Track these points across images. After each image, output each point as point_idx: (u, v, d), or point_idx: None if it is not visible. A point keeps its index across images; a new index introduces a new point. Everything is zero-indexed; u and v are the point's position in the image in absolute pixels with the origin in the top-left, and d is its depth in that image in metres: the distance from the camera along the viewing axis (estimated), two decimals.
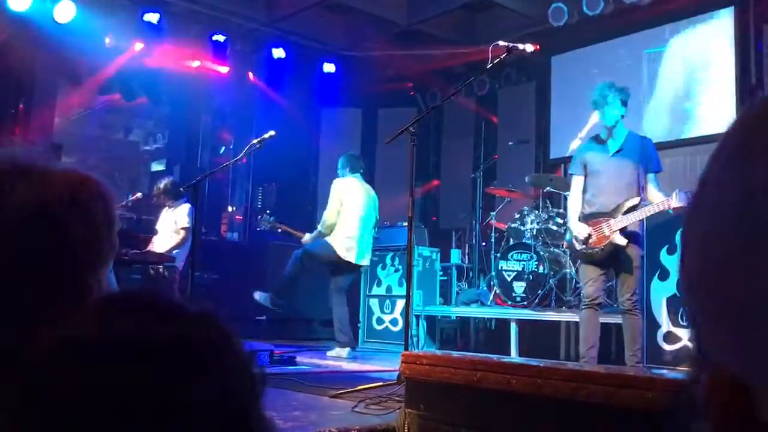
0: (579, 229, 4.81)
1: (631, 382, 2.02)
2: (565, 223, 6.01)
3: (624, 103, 4.64)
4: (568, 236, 5.21)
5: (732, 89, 7.00)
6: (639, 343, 4.83)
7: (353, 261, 6.61)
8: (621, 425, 2.03)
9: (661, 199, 4.59)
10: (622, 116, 4.69)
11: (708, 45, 7.23)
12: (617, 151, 4.70)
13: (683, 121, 7.38)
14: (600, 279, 4.81)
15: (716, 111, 7.11)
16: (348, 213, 6.58)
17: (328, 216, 6.61)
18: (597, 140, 4.85)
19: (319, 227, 6.72)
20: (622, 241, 4.65)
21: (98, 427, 0.56)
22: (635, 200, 4.66)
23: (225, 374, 0.63)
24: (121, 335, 0.60)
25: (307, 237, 6.87)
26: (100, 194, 1.01)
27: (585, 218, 4.82)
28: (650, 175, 4.71)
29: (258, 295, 6.77)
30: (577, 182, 4.91)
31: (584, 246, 4.79)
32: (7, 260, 0.91)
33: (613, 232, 4.67)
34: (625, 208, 4.67)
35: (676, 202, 4.39)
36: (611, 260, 4.79)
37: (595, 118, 5.48)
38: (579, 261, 5.29)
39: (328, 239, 6.62)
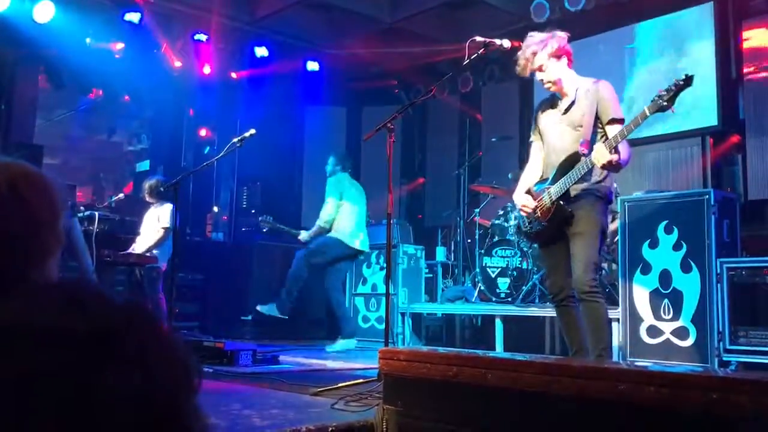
0: (517, 199, 4.11)
1: (604, 374, 2.02)
2: None
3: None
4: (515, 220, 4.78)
5: (713, 84, 7.04)
6: (606, 341, 3.80)
7: (363, 249, 6.85)
8: (595, 417, 2.03)
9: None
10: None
11: (688, 40, 7.26)
12: (568, 108, 3.93)
13: (664, 116, 7.39)
14: (561, 267, 3.90)
15: (697, 106, 7.14)
16: (349, 205, 6.69)
17: (328, 210, 6.66)
18: (550, 99, 4.10)
19: (319, 223, 6.75)
20: (564, 212, 3.82)
21: (12, 414, 0.56)
22: (576, 156, 3.80)
23: (148, 365, 0.62)
24: (39, 324, 0.60)
25: (304, 235, 6.88)
26: (44, 187, 0.99)
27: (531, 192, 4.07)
28: (607, 127, 3.81)
29: (262, 308, 6.76)
30: (532, 149, 4.24)
31: (529, 225, 4.04)
32: None
33: (554, 201, 3.85)
34: (565, 169, 3.84)
35: (600, 157, 3.57)
36: (566, 239, 3.87)
37: None
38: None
39: (334, 234, 6.67)
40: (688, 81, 3.43)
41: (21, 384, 0.57)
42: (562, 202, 3.83)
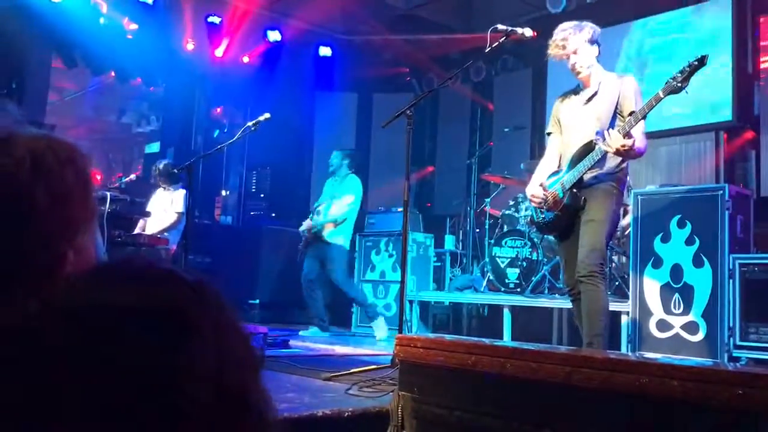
0: (529, 190, 4.08)
1: (627, 366, 2.02)
2: None
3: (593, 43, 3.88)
4: (529, 211, 4.76)
5: (729, 79, 7.00)
6: (599, 327, 3.71)
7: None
8: (616, 409, 2.03)
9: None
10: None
11: (706, 34, 7.22)
12: (590, 99, 3.90)
13: (678, 110, 7.37)
14: (576, 260, 3.80)
15: (713, 100, 7.11)
16: (355, 213, 6.71)
17: (350, 211, 6.67)
18: (571, 91, 4.08)
19: (336, 216, 6.69)
20: (577, 200, 3.80)
21: (93, 393, 0.55)
22: (590, 144, 3.78)
23: (220, 343, 0.61)
24: (114, 302, 0.59)
25: (306, 224, 6.84)
26: (69, 158, 0.96)
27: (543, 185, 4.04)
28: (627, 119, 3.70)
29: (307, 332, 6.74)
30: (549, 141, 4.21)
31: (542, 216, 4.01)
32: None
33: (566, 191, 3.84)
34: (579, 157, 3.83)
35: (614, 141, 3.54)
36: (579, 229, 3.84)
37: None
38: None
39: (339, 240, 6.65)
40: (703, 61, 3.43)
41: (105, 366, 0.56)
42: (575, 190, 3.83)
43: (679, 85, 3.45)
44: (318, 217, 6.81)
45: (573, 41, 3.85)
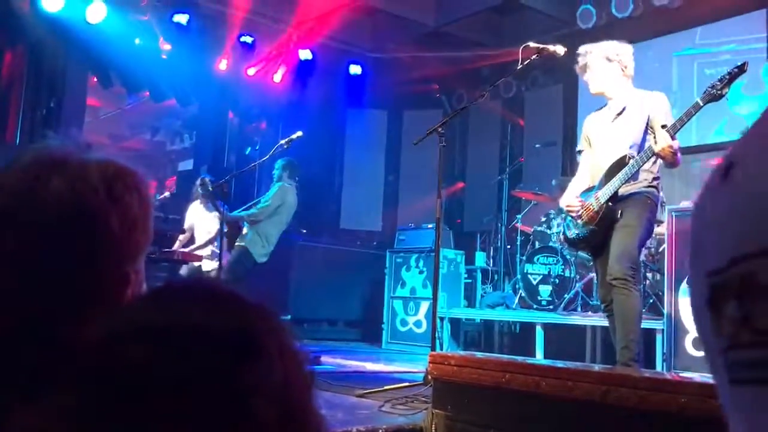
0: (563, 202, 4.08)
1: (664, 385, 2.00)
2: None
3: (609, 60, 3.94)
4: (561, 228, 4.69)
5: (764, 93, 6.91)
6: (634, 333, 3.66)
7: (262, 261, 6.80)
8: (654, 429, 2.01)
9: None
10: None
11: (739, 48, 7.14)
12: (618, 114, 3.93)
13: (713, 125, 7.29)
14: None
15: (747, 114, 7.02)
16: (282, 219, 6.68)
17: (264, 211, 6.64)
18: (601, 108, 4.13)
19: (246, 215, 6.73)
20: (614, 213, 3.80)
21: (168, 411, 0.56)
22: (623, 159, 3.78)
23: (284, 364, 0.62)
24: (188, 322, 0.60)
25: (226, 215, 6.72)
26: (136, 186, 1.00)
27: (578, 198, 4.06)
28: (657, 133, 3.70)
29: None
30: (581, 159, 4.22)
31: (575, 231, 4.00)
32: (45, 255, 0.91)
33: (601, 205, 3.84)
34: (612, 172, 3.83)
35: (662, 141, 3.55)
36: None
37: None
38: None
39: (246, 243, 6.60)
40: (743, 67, 3.45)
41: (176, 388, 0.56)
42: (610, 204, 3.83)
43: (719, 92, 3.45)
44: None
45: (588, 59, 3.95)
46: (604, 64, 3.92)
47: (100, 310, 0.71)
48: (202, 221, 7.13)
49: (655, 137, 3.73)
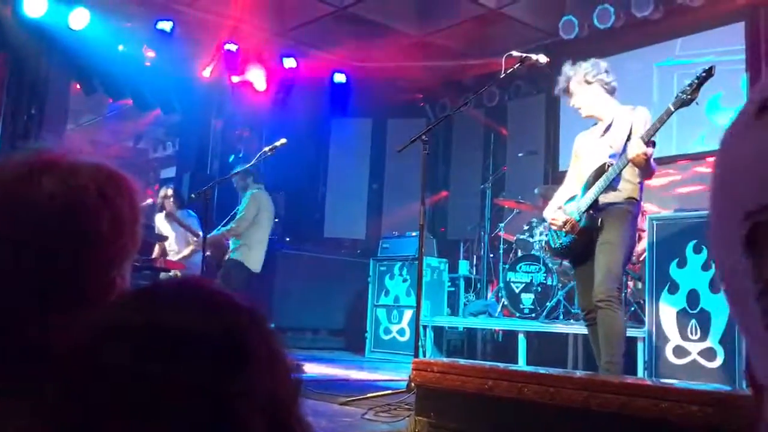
0: (547, 214, 4.15)
1: (645, 391, 2.02)
2: None
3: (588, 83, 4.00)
4: (543, 236, 4.76)
5: (743, 104, 7.00)
6: (616, 353, 3.71)
7: (257, 270, 6.70)
8: None
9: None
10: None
11: (718, 59, 7.24)
12: (605, 130, 4.01)
13: (693, 135, 7.38)
14: (592, 286, 3.82)
15: (726, 125, 7.11)
16: (264, 225, 6.64)
17: (241, 224, 6.54)
18: (590, 127, 4.21)
19: (225, 232, 6.64)
20: (594, 222, 3.82)
21: (152, 415, 0.55)
22: (603, 166, 3.83)
23: (273, 370, 0.61)
24: (175, 324, 0.58)
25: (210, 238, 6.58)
26: (127, 189, 1.01)
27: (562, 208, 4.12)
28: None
29: None
30: (568, 173, 4.33)
31: (559, 241, 4.04)
32: (34, 252, 0.90)
33: (582, 213, 3.88)
34: (592, 181, 3.88)
35: (634, 148, 3.59)
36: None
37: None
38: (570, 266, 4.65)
39: (238, 256, 6.55)
40: (711, 72, 3.52)
41: (161, 391, 0.55)
42: (591, 212, 3.88)
43: (689, 97, 3.53)
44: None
45: (570, 86, 4.04)
46: (585, 88, 4.01)
47: (83, 312, 0.70)
48: (170, 232, 7.08)
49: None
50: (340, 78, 9.55)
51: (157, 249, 7.06)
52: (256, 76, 9.34)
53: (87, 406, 0.56)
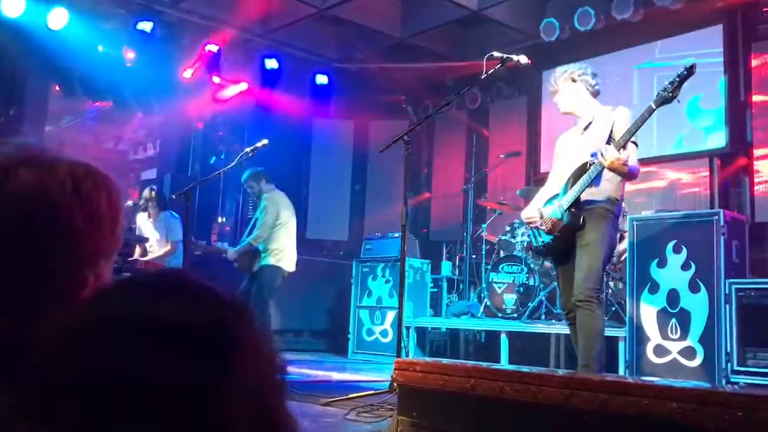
0: (525, 213, 4.19)
1: (626, 389, 2.03)
2: None
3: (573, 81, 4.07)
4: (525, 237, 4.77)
5: (722, 106, 7.08)
6: (594, 351, 3.74)
7: (292, 270, 6.57)
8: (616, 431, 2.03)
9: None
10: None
11: (697, 62, 7.30)
12: (586, 128, 4.06)
13: (673, 137, 7.45)
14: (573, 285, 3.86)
15: (705, 127, 7.19)
16: (288, 224, 6.55)
17: (265, 228, 6.44)
18: (571, 127, 4.27)
19: (251, 240, 6.49)
20: (576, 220, 3.84)
21: (135, 409, 0.53)
22: (584, 165, 3.86)
23: (258, 362, 0.60)
24: (157, 316, 0.57)
25: (231, 253, 6.59)
26: (105, 187, 0.99)
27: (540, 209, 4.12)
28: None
29: None
30: (550, 174, 4.33)
31: (540, 240, 4.07)
32: (5, 241, 0.89)
33: (564, 211, 3.89)
34: (575, 178, 3.90)
35: (609, 155, 3.63)
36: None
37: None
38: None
39: (272, 260, 6.45)
40: (692, 70, 3.56)
41: (144, 386, 0.54)
42: (573, 209, 3.89)
43: (671, 95, 3.56)
44: None
45: (557, 83, 4.12)
46: (570, 85, 4.08)
47: (52, 308, 0.69)
48: (151, 234, 7.02)
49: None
50: (322, 79, 9.53)
51: (138, 250, 7.00)
52: (238, 78, 9.31)
53: (68, 406, 0.54)
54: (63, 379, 0.56)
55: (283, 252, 6.45)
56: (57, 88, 8.62)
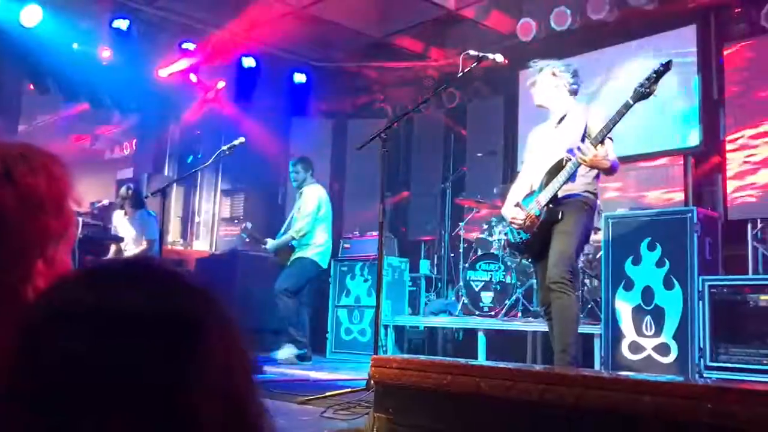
0: (506, 212, 4.21)
1: (600, 383, 2.05)
2: None
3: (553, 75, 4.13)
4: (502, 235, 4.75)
5: (695, 105, 7.17)
6: (569, 336, 3.77)
7: (325, 267, 6.66)
8: (590, 426, 2.05)
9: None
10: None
11: (672, 61, 7.39)
12: (559, 122, 4.10)
13: (648, 136, 7.52)
14: None
15: (679, 126, 7.28)
16: (326, 220, 6.61)
17: (306, 221, 6.50)
18: (543, 121, 4.31)
19: (292, 233, 6.60)
20: (554, 215, 3.89)
21: (100, 402, 0.51)
22: (561, 161, 3.88)
23: (227, 352, 0.57)
24: (123, 305, 0.55)
25: (271, 243, 6.77)
26: (43, 166, 0.94)
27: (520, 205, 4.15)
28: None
29: (282, 356, 6.43)
30: (523, 167, 4.37)
31: (520, 239, 4.09)
32: None
33: (542, 207, 3.93)
34: (552, 175, 3.94)
35: (586, 152, 3.67)
36: None
37: None
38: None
39: (309, 254, 6.49)
40: (668, 66, 3.60)
41: (109, 378, 0.51)
42: (551, 205, 3.94)
43: (647, 90, 3.59)
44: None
45: (538, 76, 4.19)
46: (550, 78, 4.13)
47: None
48: (127, 232, 6.97)
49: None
50: (299, 78, 9.51)
51: (113, 249, 6.94)
52: (215, 76, 9.25)
53: (29, 399, 0.52)
54: (10, 379, 0.54)
55: (322, 248, 6.53)
56: (31, 86, 8.51)
